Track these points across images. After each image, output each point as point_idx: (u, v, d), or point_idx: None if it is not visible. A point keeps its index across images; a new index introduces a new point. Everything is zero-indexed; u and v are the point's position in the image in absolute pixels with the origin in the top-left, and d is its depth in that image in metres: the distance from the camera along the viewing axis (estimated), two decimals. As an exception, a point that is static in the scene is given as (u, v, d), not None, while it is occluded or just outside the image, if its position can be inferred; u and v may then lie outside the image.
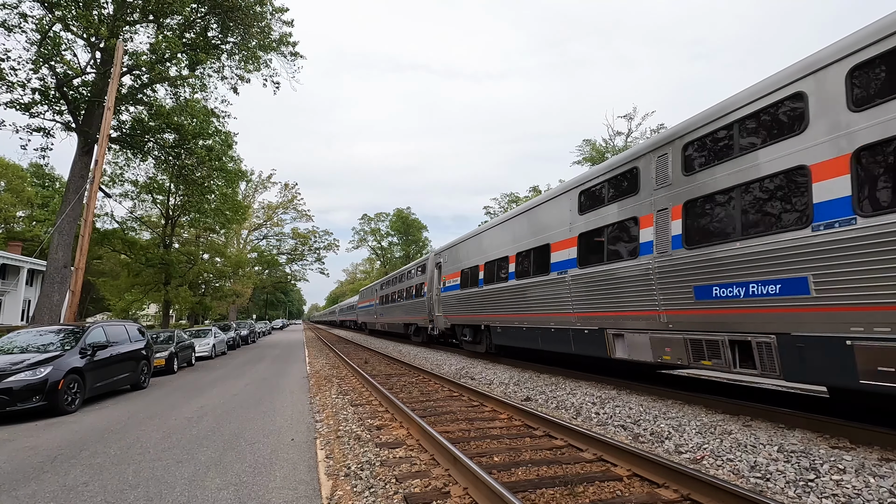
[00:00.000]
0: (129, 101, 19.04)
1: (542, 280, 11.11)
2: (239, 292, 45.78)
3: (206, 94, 21.53)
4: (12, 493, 4.55)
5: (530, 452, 5.39)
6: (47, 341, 9.88)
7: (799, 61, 5.93)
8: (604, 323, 9.12)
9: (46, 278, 16.91)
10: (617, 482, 4.42)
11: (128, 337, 11.78)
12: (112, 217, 26.47)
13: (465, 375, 12.17)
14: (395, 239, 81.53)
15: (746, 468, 4.66)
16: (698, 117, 7.32)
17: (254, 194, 52.83)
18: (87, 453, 5.93)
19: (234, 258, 39.88)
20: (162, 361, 14.66)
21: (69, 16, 16.37)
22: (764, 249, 6.04)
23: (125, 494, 4.45)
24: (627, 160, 8.76)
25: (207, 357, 20.31)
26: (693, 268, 7.07)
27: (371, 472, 4.80)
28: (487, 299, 14.34)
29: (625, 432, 6.25)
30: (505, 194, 60.10)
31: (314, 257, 61.46)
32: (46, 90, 17.01)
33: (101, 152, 14.71)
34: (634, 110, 39.94)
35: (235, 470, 5.10)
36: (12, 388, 8.09)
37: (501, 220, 14.24)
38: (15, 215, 49.04)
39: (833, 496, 3.96)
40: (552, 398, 8.55)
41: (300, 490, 4.46)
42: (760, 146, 6.23)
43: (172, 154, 20.86)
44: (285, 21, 20.98)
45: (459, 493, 4.14)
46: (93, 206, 14.63)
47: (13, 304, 39.63)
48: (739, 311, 6.39)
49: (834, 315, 5.33)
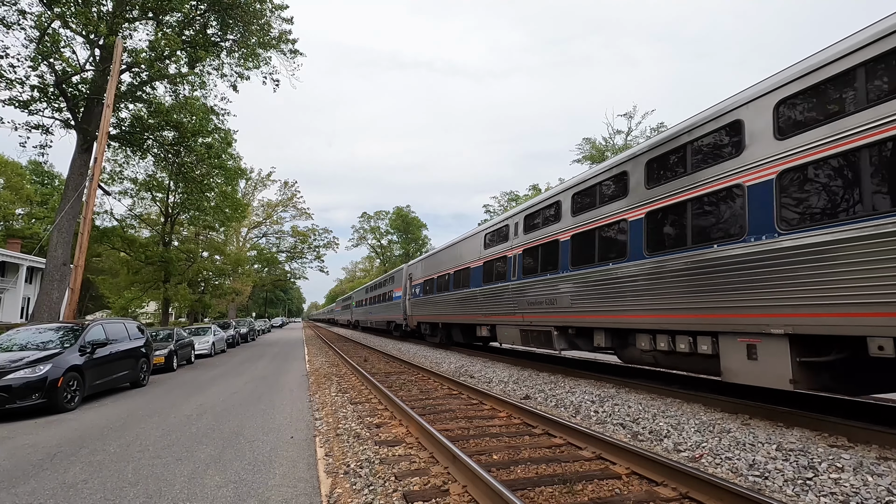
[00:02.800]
0: (129, 99, 19.00)
1: (466, 291, 16.13)
2: (238, 290, 45.83)
3: (205, 92, 21.47)
4: (11, 491, 4.56)
5: (529, 451, 5.40)
6: (47, 339, 9.87)
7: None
8: (493, 320, 14.11)
9: (46, 276, 16.90)
10: (616, 480, 4.43)
11: (127, 335, 11.77)
12: (111, 215, 26.42)
13: (465, 374, 12.18)
14: (394, 237, 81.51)
15: (745, 466, 4.67)
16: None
17: (253, 192, 52.78)
18: (87, 451, 5.94)
19: (234, 256, 39.92)
20: (161, 359, 14.66)
21: (68, 13, 16.31)
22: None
23: (125, 492, 4.46)
24: (500, 222, 14.11)
25: (207, 355, 20.32)
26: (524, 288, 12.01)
27: (370, 469, 4.80)
28: (440, 304, 19.05)
29: (624, 431, 6.26)
30: (505, 193, 60.16)
31: (313, 255, 61.45)
32: (45, 87, 16.96)
33: (100, 150, 14.69)
34: (634, 109, 39.96)
35: (235, 467, 5.11)
36: (12, 386, 8.08)
37: (447, 244, 19.36)
38: (14, 213, 48.95)
39: (831, 494, 3.97)
40: (551, 396, 8.56)
41: (299, 488, 4.47)
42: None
43: (172, 152, 20.82)
44: (285, 18, 20.95)
45: (459, 492, 4.15)
46: (92, 203, 14.62)
47: (12, 302, 39.61)
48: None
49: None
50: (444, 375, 10.98)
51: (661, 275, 7.60)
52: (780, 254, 5.77)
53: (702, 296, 6.83)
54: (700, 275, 6.88)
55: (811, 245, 5.46)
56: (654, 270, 7.74)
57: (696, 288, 6.93)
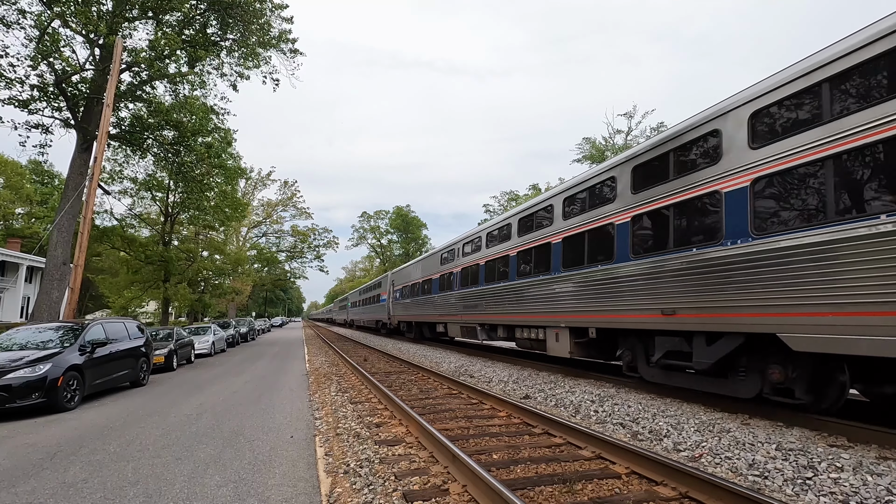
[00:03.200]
0: (129, 98, 18.98)
1: (430, 296, 20.57)
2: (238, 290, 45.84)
3: (205, 91, 21.47)
4: (11, 490, 4.56)
5: (529, 450, 5.40)
6: (46, 338, 9.87)
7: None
8: (446, 319, 18.50)
9: (45, 275, 16.90)
10: (615, 480, 4.43)
11: (127, 334, 11.78)
12: (111, 214, 26.39)
13: (465, 373, 12.19)
14: (394, 237, 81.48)
15: (745, 466, 4.67)
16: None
17: (253, 191, 52.81)
18: (87, 450, 5.94)
19: (234, 255, 39.89)
20: (161, 359, 14.66)
21: (68, 12, 16.30)
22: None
23: (124, 491, 4.46)
24: (450, 245, 18.80)
25: (207, 354, 20.32)
26: (462, 296, 16.82)
27: (370, 469, 4.81)
28: (412, 306, 23.78)
29: (623, 430, 6.27)
30: (505, 192, 60.15)
31: (313, 255, 61.54)
32: (45, 87, 16.96)
33: (100, 149, 14.69)
34: (634, 108, 39.98)
35: (235, 467, 5.11)
36: (12, 385, 8.08)
37: (420, 258, 24.48)
38: (14, 212, 48.93)
39: (831, 494, 3.98)
40: (551, 396, 8.57)
41: (299, 487, 4.47)
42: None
43: (171, 151, 20.80)
44: (285, 18, 20.95)
45: (458, 491, 4.15)
46: (92, 202, 14.62)
47: (12, 301, 39.59)
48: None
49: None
50: (443, 375, 10.99)
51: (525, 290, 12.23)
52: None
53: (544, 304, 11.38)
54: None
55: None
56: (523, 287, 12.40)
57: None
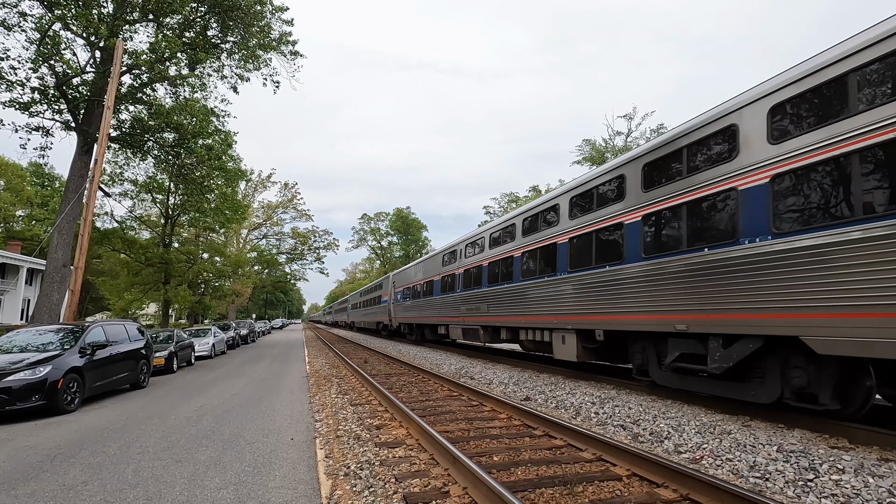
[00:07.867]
0: (129, 101, 19.00)
1: (432, 298, 20.56)
2: (238, 292, 45.81)
3: (205, 94, 21.51)
4: (11, 493, 4.55)
5: (530, 452, 5.39)
6: (47, 340, 9.86)
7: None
8: (447, 321, 18.45)
9: (46, 277, 16.89)
10: (616, 482, 4.42)
11: (127, 336, 11.77)
12: (112, 216, 26.49)
13: (465, 375, 12.18)
14: (394, 238, 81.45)
15: (746, 468, 4.66)
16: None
17: (253, 194, 52.77)
18: (87, 452, 5.93)
19: (234, 257, 39.85)
20: (161, 361, 14.64)
21: (69, 15, 16.33)
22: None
23: (124, 494, 4.45)
24: (453, 246, 18.60)
25: (207, 356, 20.29)
26: (464, 298, 16.61)
27: (370, 471, 4.80)
28: (414, 308, 23.70)
29: (624, 432, 6.26)
30: (505, 194, 60.13)
31: (314, 257, 61.37)
32: (46, 89, 16.98)
33: (100, 151, 14.69)
34: (634, 110, 40.02)
35: (235, 469, 5.10)
36: (12, 388, 8.07)
37: (421, 259, 24.15)
38: (14, 214, 48.98)
39: (832, 496, 3.97)
40: (552, 398, 8.55)
41: (300, 489, 4.46)
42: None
43: (172, 153, 20.82)
44: (285, 20, 20.96)
45: (459, 493, 4.14)
46: (92, 205, 14.61)
47: (12, 304, 39.58)
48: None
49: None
50: (444, 377, 10.97)
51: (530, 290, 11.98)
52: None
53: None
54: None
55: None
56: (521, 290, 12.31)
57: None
